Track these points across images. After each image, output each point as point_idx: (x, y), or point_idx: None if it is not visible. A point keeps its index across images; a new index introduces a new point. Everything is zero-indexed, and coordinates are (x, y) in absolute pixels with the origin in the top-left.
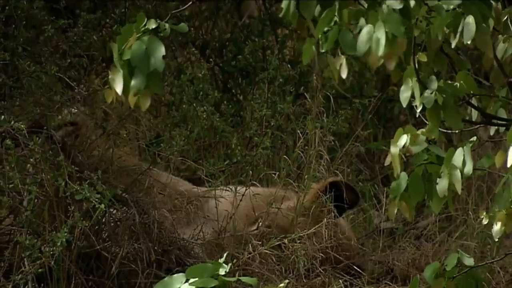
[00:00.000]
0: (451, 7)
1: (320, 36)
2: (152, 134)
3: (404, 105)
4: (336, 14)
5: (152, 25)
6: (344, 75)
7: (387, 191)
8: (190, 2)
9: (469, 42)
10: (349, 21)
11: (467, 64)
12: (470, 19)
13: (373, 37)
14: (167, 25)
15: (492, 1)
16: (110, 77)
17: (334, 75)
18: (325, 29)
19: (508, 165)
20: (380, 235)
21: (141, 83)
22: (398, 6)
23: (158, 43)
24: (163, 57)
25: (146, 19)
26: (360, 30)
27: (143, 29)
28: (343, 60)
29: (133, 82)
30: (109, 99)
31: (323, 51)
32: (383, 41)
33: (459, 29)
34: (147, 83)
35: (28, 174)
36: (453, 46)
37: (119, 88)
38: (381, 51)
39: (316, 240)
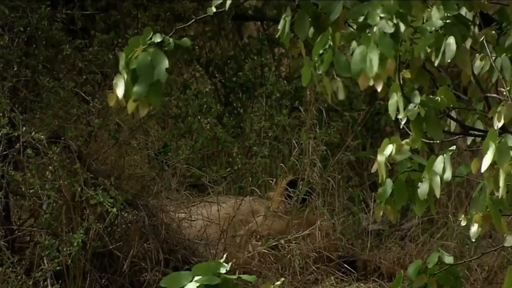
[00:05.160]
0: (433, 28)
1: (316, 58)
2: (160, 144)
3: (393, 117)
4: (329, 37)
5: (157, 39)
6: (341, 97)
7: (374, 196)
8: (193, 20)
9: (449, 61)
10: (341, 43)
11: (447, 80)
12: (451, 40)
13: (366, 58)
14: (171, 40)
15: (470, 23)
16: (114, 82)
17: (328, 96)
18: (320, 51)
19: (482, 171)
20: (368, 236)
21: (143, 90)
22: (390, 30)
23: (162, 56)
24: (166, 69)
25: (152, 33)
26: (353, 52)
27: (149, 41)
28: (339, 83)
29: (135, 89)
30: (111, 102)
31: (319, 72)
32: (376, 61)
33: (442, 49)
34: (148, 91)
35: (47, 180)
36: (436, 64)
37: (120, 92)
38: (374, 71)
39: (310, 240)
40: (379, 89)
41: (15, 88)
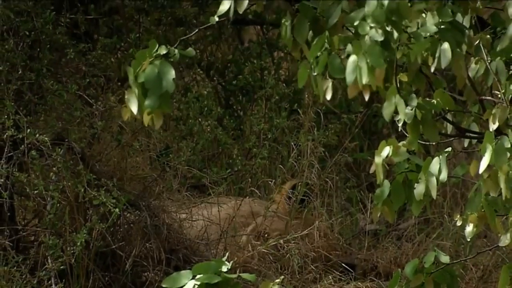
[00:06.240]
0: (428, 34)
1: (312, 60)
2: (162, 145)
3: (387, 119)
4: (326, 40)
5: (163, 50)
6: (328, 96)
7: (371, 196)
8: (197, 30)
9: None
10: (338, 46)
11: (443, 83)
12: (446, 45)
13: (357, 67)
14: (176, 51)
15: (465, 29)
16: (126, 97)
17: (320, 96)
18: (317, 54)
19: (480, 172)
20: (365, 236)
21: (154, 103)
22: (380, 38)
23: (169, 67)
24: (173, 80)
25: (157, 45)
26: (348, 55)
27: (155, 54)
28: (329, 83)
29: (146, 102)
30: (125, 117)
31: (315, 73)
32: (365, 71)
33: (437, 55)
34: (159, 103)
35: (51, 181)
36: (432, 70)
37: (134, 107)
38: (364, 80)
39: (308, 240)
40: (366, 98)
41: (20, 91)
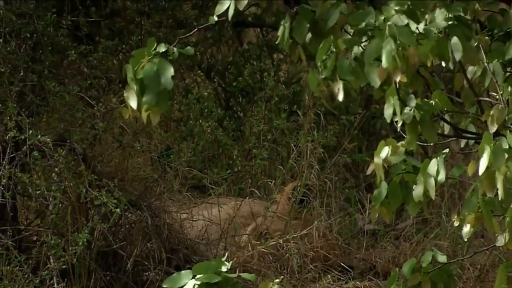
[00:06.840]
0: (437, 30)
1: (319, 64)
2: (162, 146)
3: (388, 120)
4: (332, 44)
5: (162, 48)
6: (340, 98)
7: (370, 197)
8: (196, 29)
9: (443, 65)
10: (344, 49)
11: (440, 84)
12: (455, 39)
13: (383, 50)
14: (175, 49)
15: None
16: (125, 94)
17: (340, 96)
18: (324, 57)
19: (480, 174)
20: (364, 236)
21: (151, 100)
22: (403, 22)
23: (167, 65)
24: (172, 77)
25: (156, 43)
26: (355, 57)
27: (153, 52)
28: (340, 85)
29: (144, 99)
30: (126, 116)
31: (322, 77)
32: (394, 53)
33: (449, 50)
34: (157, 100)
35: (53, 182)
36: (451, 66)
37: (133, 104)
38: (391, 63)
39: (308, 240)
40: (397, 79)
41: (22, 93)
